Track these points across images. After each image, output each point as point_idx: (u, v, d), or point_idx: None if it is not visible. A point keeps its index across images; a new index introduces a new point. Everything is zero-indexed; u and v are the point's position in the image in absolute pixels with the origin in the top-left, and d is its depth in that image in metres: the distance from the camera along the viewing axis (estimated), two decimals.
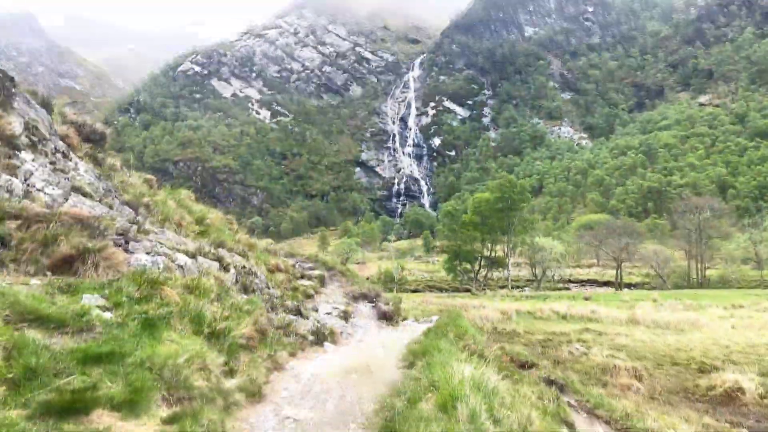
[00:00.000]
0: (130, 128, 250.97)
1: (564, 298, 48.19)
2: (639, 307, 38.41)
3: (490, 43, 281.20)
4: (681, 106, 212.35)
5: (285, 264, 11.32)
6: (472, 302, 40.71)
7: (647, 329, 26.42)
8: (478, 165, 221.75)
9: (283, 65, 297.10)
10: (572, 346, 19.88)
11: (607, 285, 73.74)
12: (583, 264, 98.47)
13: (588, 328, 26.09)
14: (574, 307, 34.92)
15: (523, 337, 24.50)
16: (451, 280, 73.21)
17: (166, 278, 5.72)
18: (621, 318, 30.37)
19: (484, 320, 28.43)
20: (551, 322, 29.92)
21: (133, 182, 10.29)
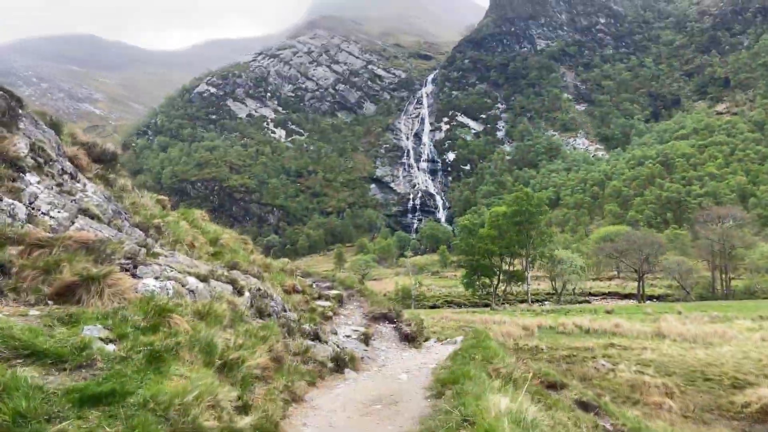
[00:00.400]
0: (148, 150, 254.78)
1: (586, 311, 47.28)
2: (663, 320, 37.53)
3: (502, 57, 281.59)
4: (698, 115, 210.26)
5: (302, 284, 10.91)
6: (493, 318, 40.09)
7: (674, 343, 25.65)
8: (493, 179, 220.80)
9: (297, 84, 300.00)
10: (598, 362, 19.26)
11: (629, 297, 72.41)
12: (603, 276, 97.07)
13: (613, 342, 25.40)
14: (597, 321, 34.15)
15: (547, 353, 23.89)
16: (470, 296, 72.41)
17: (175, 305, 5.42)
18: (646, 332, 29.61)
19: (506, 336, 27.84)
20: (574, 337, 29.22)
21: (145, 203, 9.95)
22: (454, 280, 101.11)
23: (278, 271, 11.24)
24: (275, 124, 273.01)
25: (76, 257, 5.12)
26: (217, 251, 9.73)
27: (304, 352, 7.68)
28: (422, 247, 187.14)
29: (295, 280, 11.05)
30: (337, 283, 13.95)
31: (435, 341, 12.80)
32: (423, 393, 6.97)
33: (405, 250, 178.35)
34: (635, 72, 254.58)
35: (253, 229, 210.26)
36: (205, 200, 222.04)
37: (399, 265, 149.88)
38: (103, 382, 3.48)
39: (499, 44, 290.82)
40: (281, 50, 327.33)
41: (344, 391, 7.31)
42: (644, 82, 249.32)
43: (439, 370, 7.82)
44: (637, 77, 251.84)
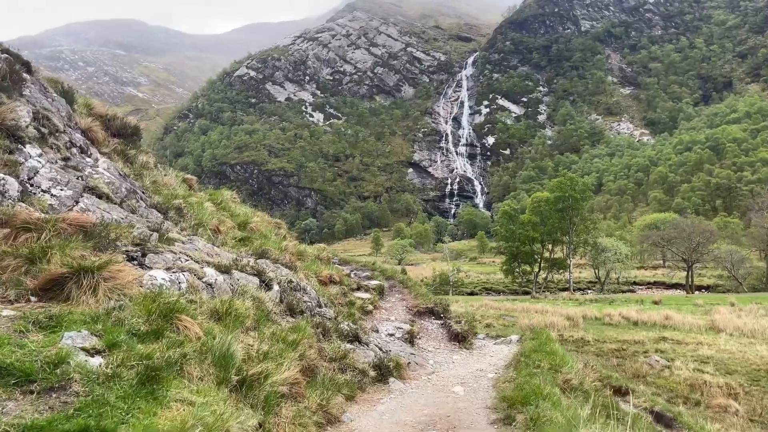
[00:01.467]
0: (189, 133, 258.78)
1: (631, 302, 45.50)
2: (716, 313, 35.68)
3: (545, 38, 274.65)
4: (751, 98, 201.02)
5: (339, 274, 9.91)
6: (534, 306, 38.87)
7: (731, 338, 24.10)
8: (533, 163, 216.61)
9: (335, 68, 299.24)
10: (651, 358, 18.06)
11: (676, 287, 69.74)
12: (647, 265, 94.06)
13: (664, 336, 24.00)
14: (646, 313, 32.61)
15: (594, 345, 22.73)
16: (509, 283, 70.99)
17: (187, 303, 4.62)
18: (699, 325, 28.02)
19: (549, 327, 26.67)
20: (622, 329, 27.88)
21: (168, 182, 9.27)
22: (493, 267, 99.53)
23: (313, 259, 10.19)
24: (313, 107, 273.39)
25: (71, 243, 4.39)
26: (246, 237, 8.74)
27: (342, 357, 6.64)
28: (460, 232, 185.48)
29: (332, 269, 10.02)
30: (378, 272, 12.82)
31: (485, 337, 11.63)
32: (486, 415, 5.87)
33: (442, 235, 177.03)
34: (685, 53, 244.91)
35: (291, 213, 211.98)
36: (244, 183, 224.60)
37: (436, 250, 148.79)
38: (75, 416, 2.63)
39: (541, 25, 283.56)
40: (320, 33, 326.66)
41: (389, 408, 6.29)
42: (694, 64, 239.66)
43: (502, 382, 6.71)
44: (687, 59, 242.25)
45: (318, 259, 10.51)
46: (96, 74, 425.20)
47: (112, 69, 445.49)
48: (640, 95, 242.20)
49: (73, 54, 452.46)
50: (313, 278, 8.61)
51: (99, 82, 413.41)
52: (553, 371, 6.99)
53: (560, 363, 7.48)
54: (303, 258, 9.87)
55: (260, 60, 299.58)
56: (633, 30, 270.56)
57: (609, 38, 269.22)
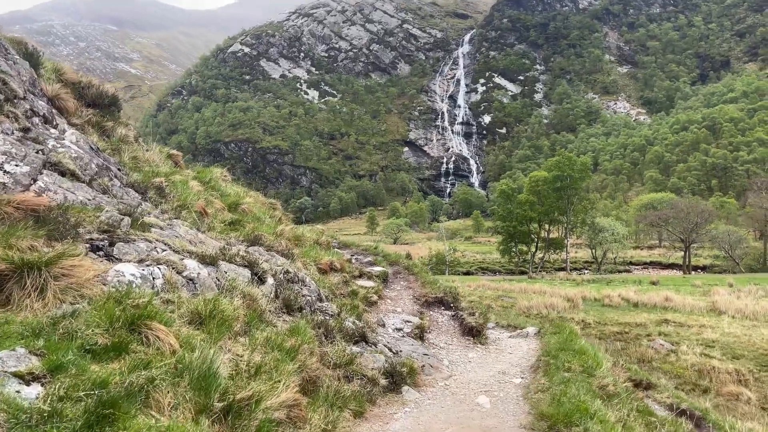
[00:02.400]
0: (183, 110, 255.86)
1: (629, 282, 45.21)
2: (716, 294, 35.40)
3: (542, 16, 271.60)
4: (749, 77, 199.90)
5: (340, 260, 8.96)
6: (532, 287, 38.48)
7: (734, 320, 23.74)
8: (529, 142, 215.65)
9: (330, 44, 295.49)
10: (655, 341, 17.62)
11: (672, 268, 69.62)
12: (643, 245, 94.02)
13: (666, 319, 23.62)
14: (645, 294, 32.24)
15: (595, 328, 22.33)
16: (505, 263, 70.68)
17: (160, 305, 3.78)
18: (700, 307, 27.65)
19: (549, 309, 26.31)
20: (622, 311, 27.50)
21: (150, 158, 8.34)
22: (488, 246, 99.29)
23: (311, 244, 9.23)
24: (308, 85, 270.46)
25: (17, 232, 3.56)
26: (236, 220, 7.89)
27: (348, 363, 5.69)
28: (455, 211, 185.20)
29: (332, 255, 9.15)
30: (380, 257, 11.89)
31: (495, 326, 10.78)
32: None
33: (438, 214, 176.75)
34: (683, 32, 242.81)
35: (285, 191, 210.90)
36: (238, 161, 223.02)
37: (432, 229, 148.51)
38: None
39: (539, 2, 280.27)
40: (315, 9, 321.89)
41: (405, 427, 5.35)
42: (692, 43, 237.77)
43: (534, 392, 5.97)
44: (685, 38, 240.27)
45: (317, 244, 9.56)
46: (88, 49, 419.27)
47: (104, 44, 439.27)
48: (637, 74, 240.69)
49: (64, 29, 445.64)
50: (312, 266, 7.71)
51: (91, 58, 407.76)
52: (587, 375, 6.28)
53: (593, 365, 6.78)
54: (300, 243, 8.95)
55: (254, 36, 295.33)
56: (631, 8, 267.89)
57: (607, 16, 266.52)
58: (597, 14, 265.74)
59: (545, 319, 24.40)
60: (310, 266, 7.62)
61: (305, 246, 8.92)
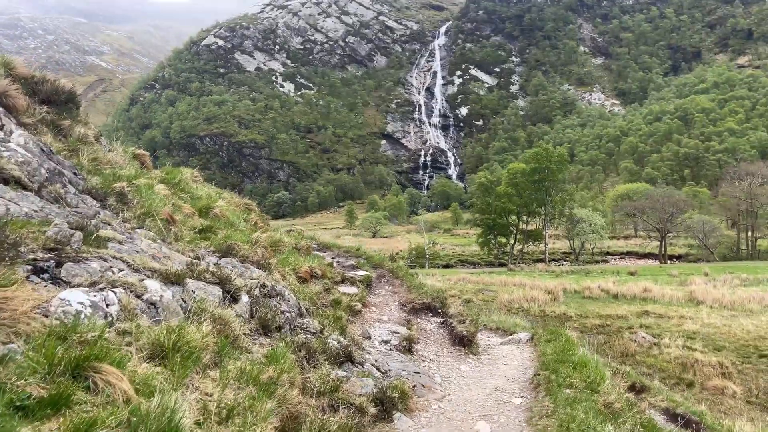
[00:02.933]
0: (156, 104, 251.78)
1: (607, 273, 45.73)
2: (693, 283, 35.97)
3: (517, 8, 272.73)
4: (719, 68, 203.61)
5: (321, 266, 8.22)
6: (512, 280, 38.66)
7: (712, 310, 24.08)
8: (506, 134, 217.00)
9: (306, 36, 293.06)
10: (637, 334, 17.73)
11: (648, 257, 70.72)
12: (619, 235, 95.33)
13: (646, 310, 23.85)
14: (624, 285, 32.60)
15: (576, 321, 22.44)
16: (485, 255, 71.02)
17: (114, 339, 3.26)
18: (679, 297, 28.04)
19: (530, 302, 26.40)
20: (602, 302, 27.74)
21: (113, 159, 7.62)
22: (467, 238, 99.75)
23: (290, 249, 8.44)
24: (284, 77, 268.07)
25: None
26: (208, 226, 7.12)
27: (333, 390, 5.07)
28: (433, 204, 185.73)
29: (313, 260, 8.54)
30: (363, 259, 11.24)
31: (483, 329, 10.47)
32: None
33: (416, 207, 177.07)
34: (655, 24, 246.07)
35: (263, 186, 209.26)
36: (214, 156, 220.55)
37: (410, 222, 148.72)
38: None
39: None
40: (290, 1, 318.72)
41: None
42: (664, 35, 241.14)
43: (539, 418, 5.54)
44: (657, 29, 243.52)
45: (296, 250, 8.75)
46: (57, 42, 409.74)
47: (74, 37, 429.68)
48: (611, 65, 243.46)
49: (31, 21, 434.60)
50: (291, 276, 7.13)
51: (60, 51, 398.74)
52: (591, 391, 5.99)
53: (596, 379, 6.55)
54: (278, 250, 8.15)
55: (228, 29, 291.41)
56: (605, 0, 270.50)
57: (581, 8, 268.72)
58: (571, 6, 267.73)
59: (527, 313, 24.48)
60: (289, 275, 6.94)
61: (283, 252, 8.22)
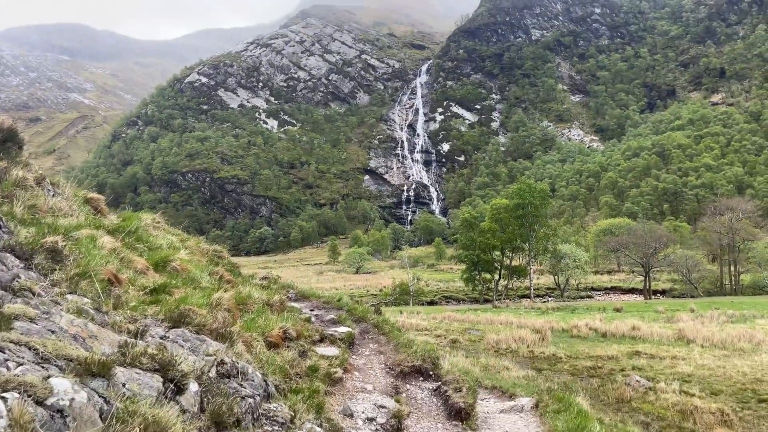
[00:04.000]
0: (138, 141, 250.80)
1: (593, 309, 45.32)
2: (680, 320, 35.64)
3: (497, 47, 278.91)
4: (694, 105, 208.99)
5: (296, 325, 7.26)
6: (498, 318, 38.00)
7: (704, 350, 23.61)
8: (487, 170, 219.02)
9: (289, 74, 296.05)
10: (631, 378, 17.13)
11: (632, 292, 70.61)
12: (602, 270, 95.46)
13: (637, 350, 23.31)
14: (612, 323, 32.10)
15: (567, 362, 21.78)
16: (469, 291, 70.35)
17: None
18: (668, 335, 27.59)
19: (518, 342, 25.73)
20: (591, 342, 27.17)
21: (57, 206, 6.62)
22: (451, 274, 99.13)
23: (261, 306, 7.42)
24: (267, 114, 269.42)
25: None
26: (162, 285, 5.85)
27: None
28: (417, 239, 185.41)
29: (287, 319, 7.33)
30: (345, 311, 10.21)
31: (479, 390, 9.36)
32: None
33: (399, 242, 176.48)
34: (630, 63, 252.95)
35: (245, 221, 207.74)
36: (196, 192, 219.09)
37: (394, 257, 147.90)
38: None
39: (493, 34, 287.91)
40: (273, 39, 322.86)
41: None
42: (639, 73, 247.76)
43: None
44: (633, 68, 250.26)
45: (268, 306, 7.68)
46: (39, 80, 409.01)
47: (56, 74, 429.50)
48: (589, 102, 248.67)
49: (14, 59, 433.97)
50: (259, 342, 5.84)
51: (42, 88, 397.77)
52: None
53: None
54: (247, 308, 7.11)
55: (212, 66, 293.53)
56: (581, 39, 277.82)
57: (558, 47, 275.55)
58: (549, 45, 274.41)
59: (516, 354, 23.80)
60: (257, 342, 5.75)
61: (252, 311, 7.02)
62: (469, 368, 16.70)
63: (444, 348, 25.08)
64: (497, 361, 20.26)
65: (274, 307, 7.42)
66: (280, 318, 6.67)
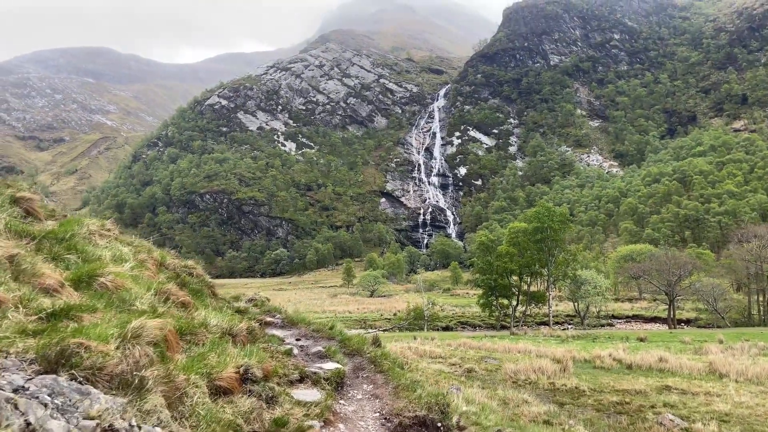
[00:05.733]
0: (158, 162, 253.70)
1: (615, 338, 43.52)
2: (709, 352, 33.86)
3: (515, 72, 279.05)
4: (715, 132, 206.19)
5: (265, 362, 5.59)
6: (516, 346, 36.45)
7: (739, 386, 21.99)
8: (505, 194, 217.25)
9: (308, 98, 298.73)
10: (664, 417, 15.72)
11: (655, 321, 68.28)
12: (622, 297, 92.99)
13: (668, 385, 21.76)
14: (638, 354, 30.48)
15: (591, 397, 20.32)
16: (486, 317, 68.61)
17: None
18: (698, 368, 25.93)
19: (538, 373, 24.30)
20: (616, 374, 25.62)
21: None
22: (467, 299, 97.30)
23: (220, 336, 5.86)
24: (285, 137, 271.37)
25: None
26: (65, 308, 4.32)
27: None
28: (432, 262, 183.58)
29: (252, 353, 5.63)
30: (337, 342, 8.61)
31: None
32: None
33: (415, 265, 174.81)
34: (650, 88, 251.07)
35: (261, 243, 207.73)
36: (213, 212, 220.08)
37: (409, 281, 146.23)
38: None
39: (512, 59, 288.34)
40: (293, 63, 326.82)
41: None
42: (659, 99, 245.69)
43: None
44: (652, 93, 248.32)
45: (230, 336, 6.14)
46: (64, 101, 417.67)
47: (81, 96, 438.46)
48: (608, 128, 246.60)
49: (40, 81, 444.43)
50: (200, 387, 4.33)
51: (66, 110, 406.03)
52: None
53: None
54: (196, 339, 5.48)
55: (232, 89, 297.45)
56: (600, 65, 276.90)
57: (577, 72, 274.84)
58: (567, 71, 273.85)
59: (535, 386, 22.40)
60: (195, 389, 4.16)
61: (203, 344, 5.43)
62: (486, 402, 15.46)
63: (459, 378, 23.75)
64: (516, 393, 18.92)
65: (239, 337, 5.97)
66: (243, 352, 5.47)
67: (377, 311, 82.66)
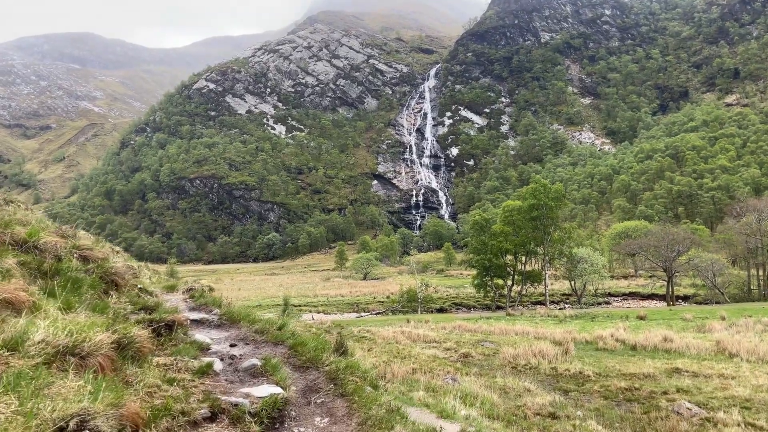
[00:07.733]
0: (146, 148, 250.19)
1: (615, 317, 42.36)
2: (712, 329, 32.72)
3: (505, 50, 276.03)
4: (707, 107, 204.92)
5: (120, 398, 3.33)
6: (513, 328, 35.18)
7: (752, 365, 20.75)
8: (497, 174, 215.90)
9: (297, 80, 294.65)
10: (681, 405, 14.36)
11: (652, 298, 67.42)
12: (618, 275, 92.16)
13: (677, 367, 20.46)
14: (640, 333, 29.26)
15: (597, 382, 18.98)
16: (480, 298, 67.45)
17: None
18: (706, 348, 24.70)
19: (539, 357, 22.96)
20: (620, 356, 24.34)
21: None
22: (461, 279, 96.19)
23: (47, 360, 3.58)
24: (275, 120, 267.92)
25: None
26: None
27: None
28: (426, 244, 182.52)
29: (104, 386, 3.40)
30: (286, 349, 6.07)
31: None
32: None
33: (408, 247, 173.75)
34: (642, 64, 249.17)
35: (253, 228, 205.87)
36: (203, 198, 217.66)
37: (402, 263, 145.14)
38: None
39: (502, 37, 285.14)
40: (281, 45, 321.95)
41: None
42: (651, 75, 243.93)
43: None
44: (644, 69, 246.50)
45: (73, 358, 3.72)
46: (49, 88, 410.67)
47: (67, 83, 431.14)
48: (600, 105, 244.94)
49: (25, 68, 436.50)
50: None
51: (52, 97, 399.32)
52: None
53: None
54: None
55: (220, 72, 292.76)
56: (591, 41, 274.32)
57: (568, 49, 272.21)
58: (558, 48, 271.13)
59: (536, 372, 21.07)
60: None
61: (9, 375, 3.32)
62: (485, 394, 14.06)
63: (454, 364, 22.39)
64: (516, 381, 17.55)
65: (92, 359, 3.60)
66: (97, 383, 3.34)
67: (370, 294, 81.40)
